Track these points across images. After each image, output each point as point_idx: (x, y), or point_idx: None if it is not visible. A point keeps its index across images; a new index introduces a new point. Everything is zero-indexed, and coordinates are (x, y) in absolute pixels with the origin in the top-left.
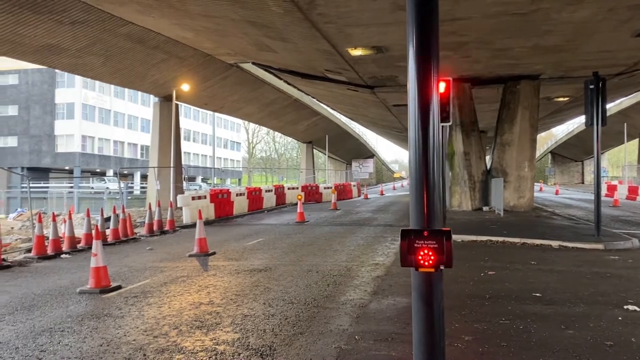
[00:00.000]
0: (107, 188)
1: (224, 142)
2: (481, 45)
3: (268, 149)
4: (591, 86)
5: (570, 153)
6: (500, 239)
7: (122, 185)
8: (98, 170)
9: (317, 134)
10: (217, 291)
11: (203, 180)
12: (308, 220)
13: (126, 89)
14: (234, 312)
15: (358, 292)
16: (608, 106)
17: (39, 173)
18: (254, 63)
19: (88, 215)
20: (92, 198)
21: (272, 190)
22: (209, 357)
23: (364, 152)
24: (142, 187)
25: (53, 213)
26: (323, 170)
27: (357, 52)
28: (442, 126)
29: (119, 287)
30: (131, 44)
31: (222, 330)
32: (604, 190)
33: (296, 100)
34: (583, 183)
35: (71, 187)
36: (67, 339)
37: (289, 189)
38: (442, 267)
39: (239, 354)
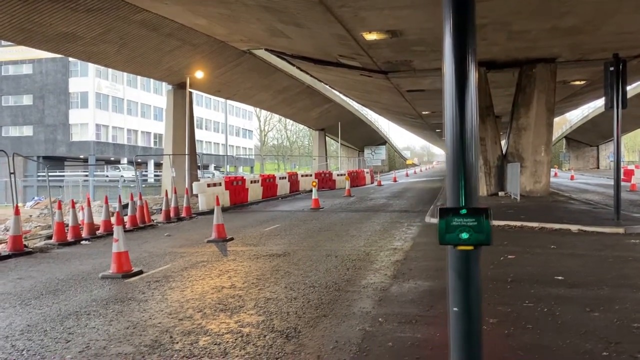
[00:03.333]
0: (122, 176)
1: (236, 130)
2: (499, 27)
3: (280, 136)
4: (611, 68)
5: (585, 138)
6: (518, 223)
7: (137, 173)
8: (112, 158)
9: (329, 121)
10: (237, 275)
11: (216, 168)
12: (323, 207)
13: (138, 78)
14: (256, 296)
15: (378, 276)
16: (627, 89)
17: (55, 162)
18: (266, 49)
19: (106, 203)
20: (107, 186)
21: (285, 178)
22: (235, 339)
23: (376, 139)
24: (156, 175)
25: (72, 200)
26: (335, 157)
27: (371, 36)
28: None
29: (140, 272)
30: (145, 31)
31: (245, 313)
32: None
33: (309, 87)
34: (598, 168)
35: (86, 175)
36: (93, 322)
37: (302, 176)
38: (480, 246)
39: (264, 336)
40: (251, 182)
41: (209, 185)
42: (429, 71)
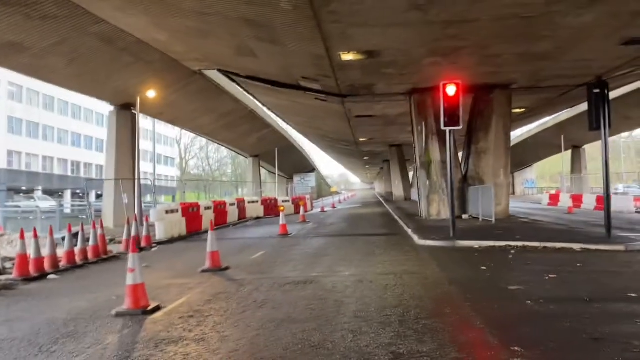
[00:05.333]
0: (37, 207)
1: (157, 157)
2: (475, 51)
3: (201, 164)
4: (596, 90)
5: None
6: (519, 243)
7: (53, 204)
8: (24, 188)
9: (265, 147)
10: (282, 307)
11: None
12: (291, 233)
13: (55, 101)
14: (335, 327)
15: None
16: (545, 120)
17: None
18: (220, 70)
19: (51, 235)
20: (21, 218)
21: (235, 204)
22: None
23: (306, 166)
24: (72, 206)
25: (22, 230)
26: (264, 184)
27: (348, 56)
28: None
29: (158, 308)
30: (100, 44)
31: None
32: (546, 200)
33: (251, 112)
34: (514, 194)
35: None
36: None
37: (249, 202)
38: None
39: None
40: (205, 208)
41: (167, 212)
42: (386, 96)
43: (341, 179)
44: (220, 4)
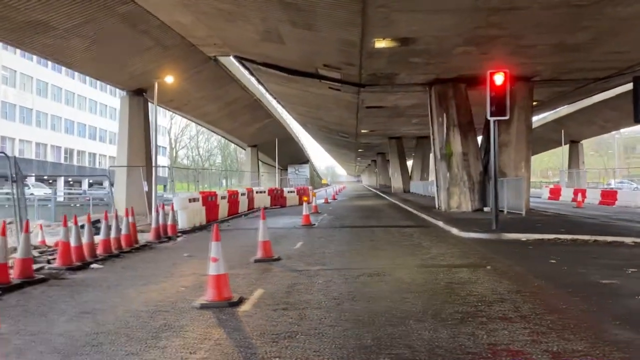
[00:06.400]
0: (32, 194)
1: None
2: (510, 41)
3: (190, 154)
4: None
5: None
6: (568, 236)
7: (48, 191)
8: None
9: (264, 137)
10: (376, 300)
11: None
12: (314, 223)
13: (49, 86)
14: (458, 323)
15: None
16: (545, 114)
17: None
18: (235, 57)
19: (89, 222)
20: (12, 206)
21: (245, 194)
22: None
23: (301, 157)
24: (65, 194)
25: (65, 217)
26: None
27: (382, 43)
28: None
29: (241, 300)
30: (122, 26)
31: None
32: (546, 194)
33: (255, 101)
34: None
35: None
36: None
37: (257, 192)
38: None
39: None
40: (221, 198)
41: (190, 201)
42: (405, 86)
43: (328, 171)
44: None
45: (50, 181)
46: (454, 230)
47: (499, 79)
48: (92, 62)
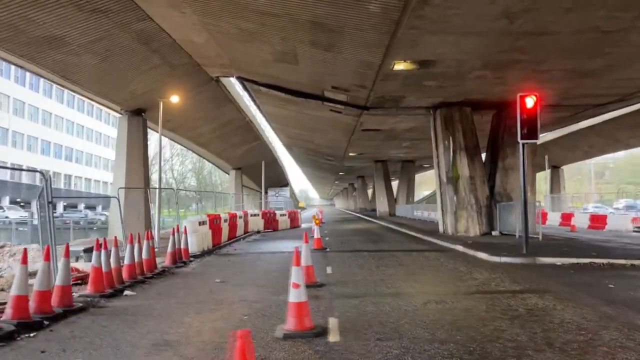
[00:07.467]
0: (7, 217)
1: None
2: (529, 65)
3: (164, 176)
4: None
5: None
6: (603, 260)
7: (24, 214)
8: None
9: (249, 159)
10: (462, 328)
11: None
12: (326, 248)
13: (26, 106)
14: (603, 341)
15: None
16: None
17: None
18: (238, 77)
19: (116, 245)
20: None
21: (242, 217)
22: None
23: (282, 180)
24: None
25: (97, 240)
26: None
27: (400, 66)
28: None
29: (325, 329)
30: (135, 44)
31: None
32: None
33: (248, 122)
34: None
35: None
36: None
37: (251, 215)
38: None
39: None
40: (224, 221)
41: (199, 224)
42: (409, 109)
43: (302, 194)
44: (294, 4)
45: (23, 204)
46: (482, 255)
47: (529, 102)
48: (97, 80)
